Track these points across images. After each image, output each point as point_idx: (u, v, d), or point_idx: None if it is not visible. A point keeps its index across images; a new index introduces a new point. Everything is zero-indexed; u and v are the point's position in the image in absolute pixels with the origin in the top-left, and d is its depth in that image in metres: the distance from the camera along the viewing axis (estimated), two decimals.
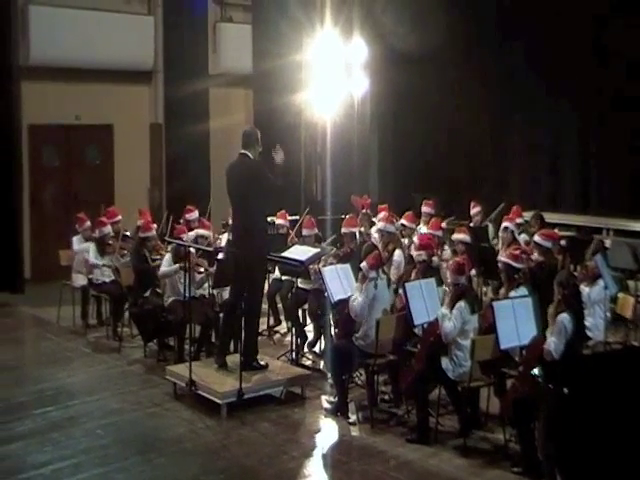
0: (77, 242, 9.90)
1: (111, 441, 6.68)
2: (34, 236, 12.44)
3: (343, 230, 8.94)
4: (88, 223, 9.96)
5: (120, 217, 10.04)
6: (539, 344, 6.05)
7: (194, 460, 6.37)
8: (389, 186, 13.82)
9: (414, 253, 7.92)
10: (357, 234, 9.07)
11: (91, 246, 9.60)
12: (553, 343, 5.90)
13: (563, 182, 12.58)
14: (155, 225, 9.62)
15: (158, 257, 9.03)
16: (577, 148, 12.38)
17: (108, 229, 9.66)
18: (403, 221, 9.45)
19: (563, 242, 8.84)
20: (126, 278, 9.28)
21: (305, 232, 9.24)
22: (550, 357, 5.88)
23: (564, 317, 5.97)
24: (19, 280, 11.83)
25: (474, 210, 10.24)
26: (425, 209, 10.18)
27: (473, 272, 7.61)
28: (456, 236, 8.66)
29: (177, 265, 8.35)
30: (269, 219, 8.82)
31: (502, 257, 7.32)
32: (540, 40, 11.74)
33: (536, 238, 8.28)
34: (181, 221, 10.00)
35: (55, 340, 9.55)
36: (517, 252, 7.13)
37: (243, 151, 7.63)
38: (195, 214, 10.01)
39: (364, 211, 10.35)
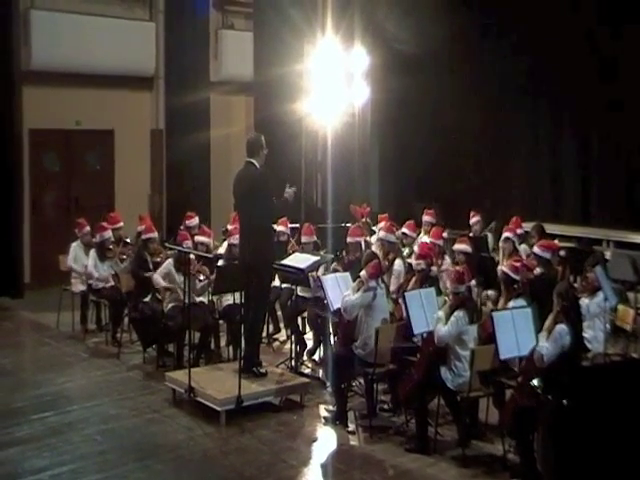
0: (74, 250, 9.88)
1: (109, 447, 6.67)
2: (34, 241, 12.42)
3: (349, 239, 8.94)
4: (88, 228, 9.97)
5: (122, 224, 10.05)
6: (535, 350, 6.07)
7: (192, 467, 6.37)
8: (389, 195, 13.84)
9: (413, 262, 7.93)
10: (362, 243, 9.05)
11: (91, 253, 9.60)
12: (546, 349, 5.92)
13: (564, 193, 12.59)
14: (156, 233, 9.60)
15: (159, 260, 9.04)
16: (578, 159, 12.38)
17: (109, 234, 9.68)
18: (404, 230, 9.46)
19: (563, 253, 8.85)
20: (126, 283, 9.29)
21: (304, 239, 9.27)
22: (540, 362, 5.90)
23: (562, 328, 5.99)
24: (19, 285, 11.82)
25: (473, 219, 10.25)
26: (426, 218, 10.19)
27: (473, 282, 7.60)
28: (457, 246, 8.65)
29: (163, 286, 8.43)
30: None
31: (502, 267, 7.33)
32: (542, 52, 11.76)
33: (535, 249, 8.30)
34: (181, 227, 10.00)
35: (54, 345, 9.55)
36: (518, 264, 7.13)
37: (248, 159, 7.70)
38: (195, 220, 10.02)
39: (364, 220, 10.35)
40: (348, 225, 10.09)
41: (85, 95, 12.70)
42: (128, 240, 10.04)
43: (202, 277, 8.59)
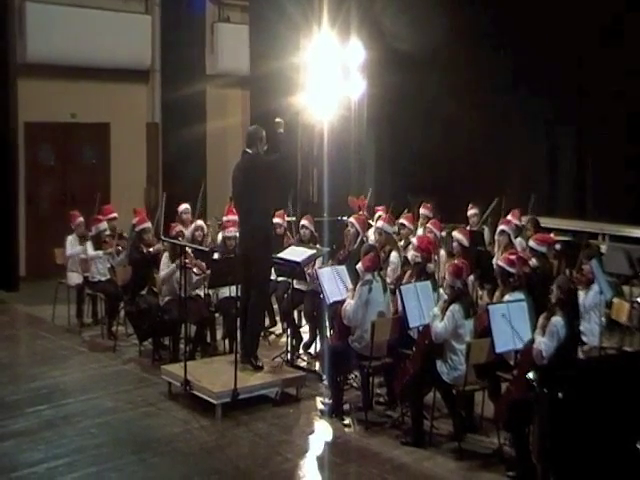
0: (70, 243, 9.85)
1: (105, 440, 6.67)
2: (29, 234, 12.42)
3: (353, 221, 8.98)
4: (80, 219, 9.95)
5: (116, 214, 10.03)
6: (533, 348, 6.08)
7: (188, 460, 6.37)
8: (385, 188, 13.81)
9: (410, 254, 7.92)
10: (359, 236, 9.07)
11: (88, 244, 9.58)
12: (544, 344, 5.92)
13: (560, 187, 12.59)
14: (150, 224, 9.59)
15: (152, 250, 9.04)
16: (574, 153, 12.39)
17: (104, 225, 9.65)
18: (402, 221, 9.43)
19: (558, 247, 8.86)
20: (121, 277, 9.28)
21: (304, 222, 9.25)
22: (540, 359, 5.90)
23: (557, 320, 5.99)
24: (14, 278, 11.81)
25: (471, 211, 10.24)
26: (423, 211, 10.19)
27: (471, 278, 7.58)
28: (456, 235, 8.63)
29: (174, 265, 8.31)
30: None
31: (498, 260, 7.33)
32: (540, 44, 11.74)
33: (531, 243, 8.31)
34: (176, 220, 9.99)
35: (50, 338, 9.54)
36: (513, 257, 7.12)
37: (245, 149, 7.76)
38: (185, 205, 10.07)
39: (360, 212, 10.35)
40: (344, 219, 10.08)
41: (81, 88, 12.68)
42: (124, 234, 10.01)
43: (197, 271, 8.56)
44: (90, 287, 9.68)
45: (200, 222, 9.16)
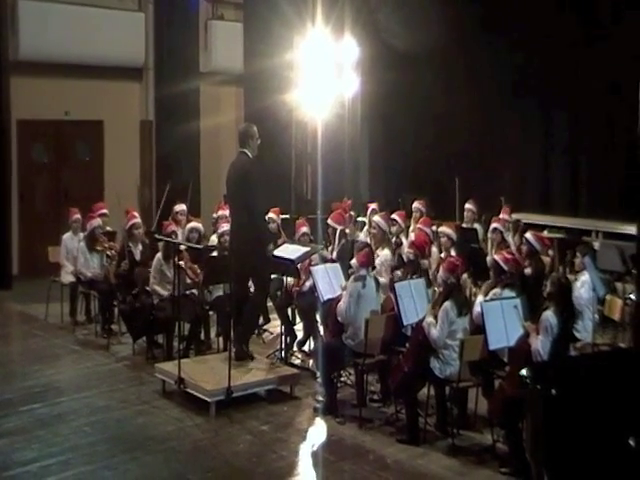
0: (65, 243, 9.83)
1: (99, 439, 6.65)
2: (23, 232, 12.38)
3: (329, 221, 8.99)
4: (78, 216, 9.95)
5: (106, 211, 10.00)
6: (524, 344, 6.09)
7: (182, 458, 6.36)
8: (379, 186, 13.84)
9: (405, 251, 7.93)
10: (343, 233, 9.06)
11: (80, 248, 9.53)
12: (540, 342, 5.93)
13: (553, 184, 12.60)
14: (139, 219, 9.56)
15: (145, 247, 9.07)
16: (568, 151, 12.40)
17: (97, 222, 9.62)
18: (394, 216, 9.41)
19: (551, 252, 8.91)
20: (115, 275, 9.25)
21: (303, 230, 9.25)
22: (537, 356, 5.91)
23: (548, 314, 6.01)
24: (7, 276, 11.78)
25: (467, 206, 10.19)
26: (417, 205, 10.17)
27: (464, 276, 7.58)
28: (443, 229, 8.65)
29: (168, 293, 8.31)
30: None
31: (494, 255, 7.35)
32: (534, 42, 11.74)
33: (527, 235, 8.34)
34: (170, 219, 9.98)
35: (43, 337, 9.50)
36: (510, 256, 7.11)
37: (241, 149, 7.78)
38: (182, 206, 10.05)
39: (347, 215, 10.27)
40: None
41: (74, 86, 12.64)
42: (109, 229, 10.02)
43: (191, 275, 8.52)
44: (83, 285, 9.66)
45: (196, 223, 9.09)
